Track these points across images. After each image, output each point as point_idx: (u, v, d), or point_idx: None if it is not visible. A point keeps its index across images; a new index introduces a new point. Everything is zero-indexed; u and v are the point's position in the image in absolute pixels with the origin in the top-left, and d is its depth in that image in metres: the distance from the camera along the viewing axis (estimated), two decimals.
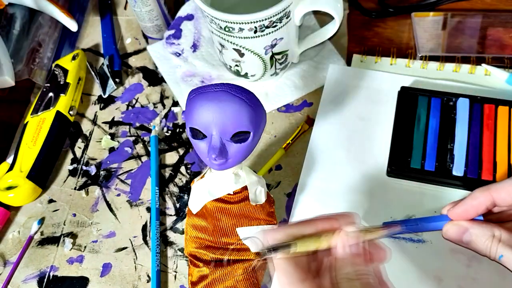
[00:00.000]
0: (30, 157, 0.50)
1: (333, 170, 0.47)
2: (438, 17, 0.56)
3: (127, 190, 0.51)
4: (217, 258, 0.34)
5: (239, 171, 0.34)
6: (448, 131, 0.46)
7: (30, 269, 0.47)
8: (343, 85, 0.52)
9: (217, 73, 0.56)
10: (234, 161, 0.32)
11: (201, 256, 0.35)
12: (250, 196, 0.34)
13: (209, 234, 0.35)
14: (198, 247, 0.35)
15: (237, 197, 0.34)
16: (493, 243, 0.31)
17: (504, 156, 0.44)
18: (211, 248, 0.34)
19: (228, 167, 0.32)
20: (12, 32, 0.61)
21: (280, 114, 0.53)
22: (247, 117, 0.30)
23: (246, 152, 0.32)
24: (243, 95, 0.30)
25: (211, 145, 0.31)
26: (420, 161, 0.45)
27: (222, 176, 0.34)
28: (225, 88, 0.30)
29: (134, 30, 0.63)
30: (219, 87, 0.30)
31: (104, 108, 0.57)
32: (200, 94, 0.31)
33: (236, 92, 0.30)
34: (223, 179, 0.34)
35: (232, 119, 0.30)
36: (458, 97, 0.48)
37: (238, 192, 0.34)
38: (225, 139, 0.31)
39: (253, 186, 0.34)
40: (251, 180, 0.34)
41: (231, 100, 0.30)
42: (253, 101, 0.31)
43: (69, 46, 0.63)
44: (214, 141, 0.31)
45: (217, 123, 0.30)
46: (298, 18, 0.46)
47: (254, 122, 0.31)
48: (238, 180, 0.34)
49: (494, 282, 0.40)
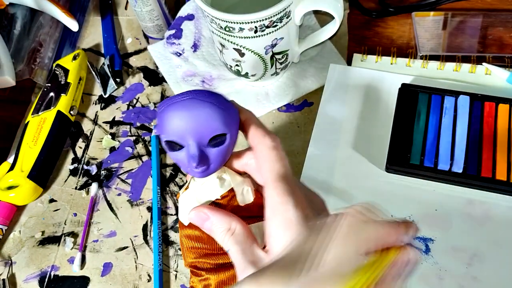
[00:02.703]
0: (31, 156, 0.50)
1: (333, 168, 0.47)
2: (438, 17, 0.56)
3: (127, 189, 0.51)
4: (219, 263, 0.34)
5: (222, 174, 0.34)
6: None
7: (31, 269, 0.47)
8: (344, 84, 0.52)
9: (218, 73, 0.56)
10: (215, 165, 0.32)
11: (202, 266, 0.34)
12: (238, 197, 0.33)
13: (204, 242, 0.34)
14: (197, 257, 0.34)
15: (225, 200, 0.34)
16: (226, 236, 0.31)
17: (503, 153, 0.44)
18: (210, 255, 0.34)
19: (210, 173, 0.32)
20: (13, 32, 0.61)
21: (280, 113, 0.53)
22: (220, 120, 0.30)
23: (225, 155, 0.32)
24: (212, 98, 0.31)
25: (190, 154, 0.31)
26: (419, 158, 0.45)
27: (207, 182, 0.34)
28: (192, 95, 0.30)
29: (134, 30, 0.63)
30: (186, 96, 0.30)
31: (104, 108, 0.57)
32: (169, 106, 0.31)
33: (204, 97, 0.30)
34: (209, 186, 0.34)
35: (205, 124, 0.30)
36: (458, 94, 0.48)
37: (225, 196, 0.34)
38: (202, 145, 0.31)
39: (239, 186, 0.34)
40: (236, 182, 0.34)
41: (201, 106, 0.30)
42: (223, 102, 0.31)
43: (69, 46, 0.63)
44: (192, 149, 0.31)
45: (191, 132, 0.30)
46: (298, 17, 0.46)
47: (228, 123, 0.31)
48: (223, 183, 0.34)
49: (495, 281, 0.40)
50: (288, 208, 0.28)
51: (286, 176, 0.30)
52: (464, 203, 0.44)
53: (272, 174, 0.30)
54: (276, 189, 0.29)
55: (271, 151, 0.31)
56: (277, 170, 0.30)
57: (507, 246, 0.42)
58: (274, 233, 0.28)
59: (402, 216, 0.44)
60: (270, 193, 0.29)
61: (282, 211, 0.28)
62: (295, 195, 0.29)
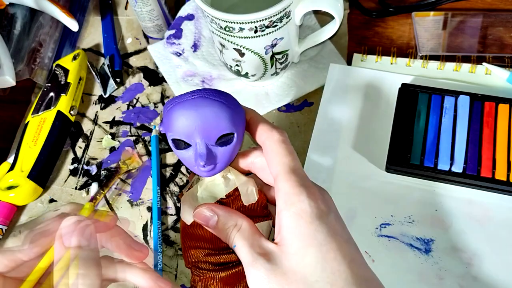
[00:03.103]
0: (31, 156, 0.50)
1: (333, 168, 0.47)
2: (438, 17, 0.56)
3: (127, 189, 0.51)
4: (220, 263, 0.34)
5: (227, 174, 0.34)
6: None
7: None
8: (344, 84, 0.52)
9: (218, 73, 0.56)
10: (222, 165, 0.32)
11: (203, 265, 0.34)
12: (242, 197, 0.34)
13: (207, 241, 0.34)
14: (199, 257, 0.34)
15: (230, 200, 0.34)
16: (233, 232, 0.31)
17: (503, 153, 0.44)
18: (212, 255, 0.34)
19: (216, 172, 0.32)
20: (13, 32, 0.61)
21: (280, 114, 0.53)
22: (229, 119, 0.30)
23: (232, 154, 0.32)
24: (221, 97, 0.31)
25: (198, 152, 0.31)
26: (419, 158, 0.45)
27: (211, 182, 0.34)
28: (202, 94, 0.30)
29: (134, 30, 0.63)
30: (196, 94, 0.30)
31: (104, 108, 0.57)
32: (178, 104, 0.31)
33: (213, 96, 0.30)
34: (214, 185, 0.34)
35: (214, 123, 0.30)
36: (458, 94, 0.48)
37: (230, 195, 0.34)
38: (210, 144, 0.31)
39: (244, 186, 0.34)
40: (241, 181, 0.34)
41: (210, 105, 0.30)
42: (232, 102, 0.31)
43: (69, 46, 0.63)
44: (200, 148, 0.31)
45: (200, 130, 0.30)
46: (298, 17, 0.46)
47: (235, 122, 0.31)
48: (228, 183, 0.34)
49: (495, 281, 0.40)
50: (302, 198, 0.28)
51: (297, 169, 0.30)
52: (464, 203, 0.44)
53: (283, 167, 0.30)
54: (289, 181, 0.29)
55: (280, 145, 0.31)
56: (288, 163, 0.30)
57: (507, 246, 0.42)
58: (287, 224, 0.28)
59: (402, 216, 0.44)
60: (282, 185, 0.29)
61: (295, 201, 0.28)
62: (308, 187, 0.29)
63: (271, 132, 0.31)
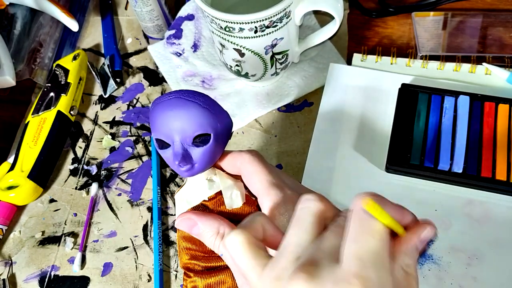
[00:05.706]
0: (31, 157, 0.50)
1: (333, 168, 0.47)
2: (438, 17, 0.56)
3: (127, 189, 0.51)
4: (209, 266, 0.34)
5: (213, 176, 0.34)
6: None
7: (31, 269, 0.47)
8: (344, 84, 0.52)
9: (218, 73, 0.56)
10: (201, 165, 0.32)
11: (193, 267, 0.34)
12: (225, 200, 0.33)
13: (197, 244, 0.34)
14: (189, 259, 0.35)
15: (212, 203, 0.34)
16: (217, 239, 0.31)
17: (503, 153, 0.44)
18: (201, 258, 0.34)
19: (196, 172, 0.33)
20: (13, 32, 0.61)
21: (280, 114, 0.53)
22: (204, 119, 0.31)
23: (211, 155, 0.32)
24: (196, 98, 0.31)
25: (174, 151, 0.32)
26: (419, 158, 0.45)
27: (196, 183, 0.34)
28: (177, 94, 0.31)
29: (134, 30, 0.63)
30: (172, 95, 0.31)
31: (105, 108, 0.57)
32: (157, 104, 0.32)
33: (188, 97, 0.31)
34: (197, 186, 0.34)
35: (189, 123, 0.31)
36: (458, 94, 0.48)
37: (212, 198, 0.34)
38: (187, 144, 0.31)
39: (228, 190, 0.34)
40: (226, 185, 0.34)
41: (185, 105, 0.31)
42: (208, 103, 0.32)
43: (70, 46, 0.63)
44: (176, 147, 0.32)
45: (176, 130, 0.31)
46: (298, 18, 0.46)
47: (212, 123, 0.31)
48: (212, 185, 0.34)
49: (495, 281, 0.40)
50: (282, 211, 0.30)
51: (274, 183, 0.31)
52: (464, 203, 0.44)
53: (261, 184, 0.31)
54: (269, 196, 0.30)
55: (253, 163, 0.32)
56: (265, 179, 0.31)
57: (507, 246, 0.42)
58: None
59: None
60: (264, 200, 0.31)
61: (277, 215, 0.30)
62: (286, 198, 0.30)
63: (241, 156, 0.32)
